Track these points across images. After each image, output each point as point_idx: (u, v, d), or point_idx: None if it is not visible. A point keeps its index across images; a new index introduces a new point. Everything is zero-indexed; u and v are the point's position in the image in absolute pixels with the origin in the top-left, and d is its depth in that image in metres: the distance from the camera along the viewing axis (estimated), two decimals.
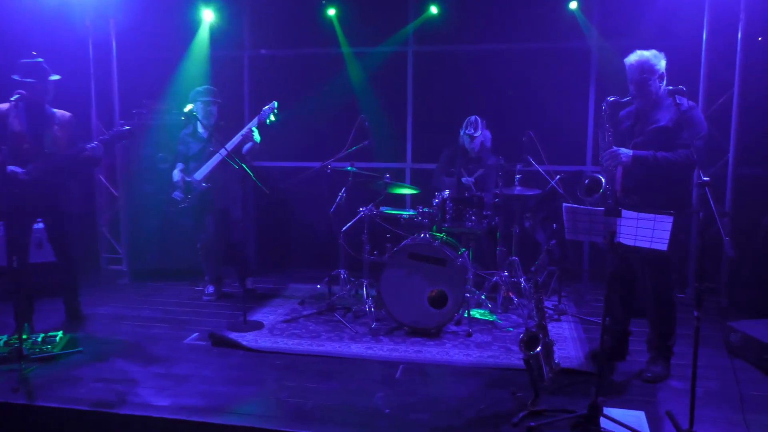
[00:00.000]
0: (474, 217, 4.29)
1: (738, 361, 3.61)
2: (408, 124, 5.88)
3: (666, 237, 2.67)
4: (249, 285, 5.06)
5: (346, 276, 4.77)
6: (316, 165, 4.80)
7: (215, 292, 5.10)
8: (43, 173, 3.98)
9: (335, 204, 4.70)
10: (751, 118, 4.95)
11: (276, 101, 4.68)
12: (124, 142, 4.68)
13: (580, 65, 5.41)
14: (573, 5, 5.23)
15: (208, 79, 5.69)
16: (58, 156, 4.04)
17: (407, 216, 4.53)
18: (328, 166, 4.68)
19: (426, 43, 5.73)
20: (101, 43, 5.93)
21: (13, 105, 3.91)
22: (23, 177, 3.91)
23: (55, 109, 4.14)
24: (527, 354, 3.01)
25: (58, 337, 3.83)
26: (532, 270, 4.76)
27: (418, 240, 4.21)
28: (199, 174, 4.80)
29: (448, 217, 4.31)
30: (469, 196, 4.32)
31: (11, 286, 3.87)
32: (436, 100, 5.78)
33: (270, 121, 4.65)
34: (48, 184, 4.05)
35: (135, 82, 5.99)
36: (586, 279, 5.53)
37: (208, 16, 5.84)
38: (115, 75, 5.95)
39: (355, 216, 4.63)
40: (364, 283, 4.57)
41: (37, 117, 4.04)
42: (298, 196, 6.03)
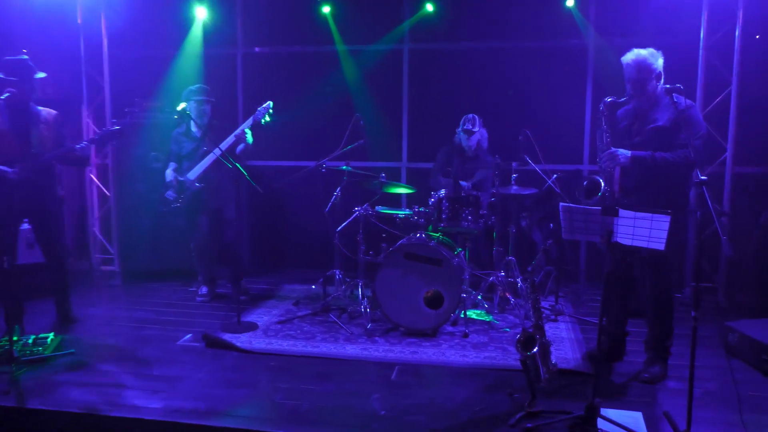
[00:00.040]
0: (470, 217, 4.27)
1: (736, 362, 3.61)
2: (404, 122, 5.85)
3: (663, 237, 2.66)
4: (242, 286, 5.01)
5: (341, 276, 4.74)
6: (311, 164, 4.77)
7: (209, 292, 5.06)
8: (30, 173, 3.93)
9: (330, 204, 4.68)
10: (749, 116, 4.96)
11: (271, 101, 4.65)
12: (115, 142, 4.63)
13: (577, 63, 5.39)
14: (570, 3, 5.21)
15: (201, 77, 5.66)
16: (47, 156, 4.00)
17: (403, 216, 4.51)
18: (323, 166, 4.66)
19: (422, 41, 5.70)
20: (93, 41, 5.87)
21: None
22: (12, 177, 3.86)
23: (40, 107, 4.09)
24: (524, 355, 3.00)
25: (49, 339, 3.80)
26: (529, 270, 4.76)
27: (413, 240, 4.19)
28: (193, 173, 4.75)
29: (444, 216, 4.29)
30: (466, 195, 4.30)
31: (1, 288, 3.81)
32: (432, 99, 5.75)
33: (265, 121, 4.62)
34: (36, 183, 4.00)
35: (127, 81, 5.95)
36: (583, 279, 5.52)
37: (201, 13, 5.80)
38: (107, 73, 5.89)
39: (351, 216, 4.60)
40: (360, 284, 4.54)
41: (22, 116, 3.98)
42: (293, 196, 5.99)
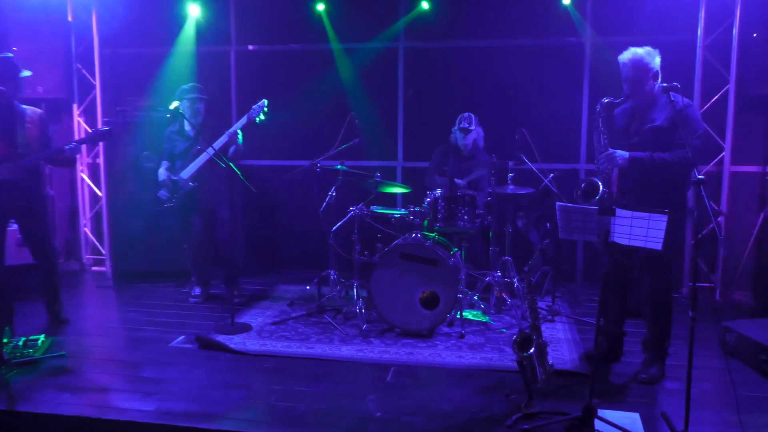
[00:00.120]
0: (466, 217, 4.24)
1: (733, 362, 3.61)
2: (399, 121, 5.82)
3: (660, 236, 2.66)
4: (236, 286, 4.97)
5: (336, 277, 4.71)
6: (306, 163, 4.74)
7: (202, 293, 5.02)
8: (16, 173, 3.87)
9: (325, 203, 4.64)
10: (747, 115, 4.95)
11: (266, 99, 4.61)
12: (105, 142, 4.59)
13: (574, 62, 5.37)
14: (566, 1, 5.19)
15: (194, 75, 5.62)
16: (34, 156, 3.95)
17: (398, 215, 4.49)
18: (318, 165, 4.63)
19: (417, 39, 5.67)
20: (84, 38, 5.83)
21: None
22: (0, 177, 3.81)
23: (25, 106, 4.04)
24: (520, 355, 2.99)
25: (39, 341, 3.75)
26: (526, 270, 4.71)
27: (409, 240, 4.16)
28: (186, 173, 4.71)
29: (440, 216, 4.26)
30: (462, 195, 4.27)
31: None
32: (428, 98, 5.73)
33: (260, 120, 4.59)
34: (22, 184, 3.95)
35: (119, 79, 5.92)
36: (580, 279, 5.51)
37: (193, 11, 5.76)
38: (98, 71, 5.84)
39: (345, 215, 4.57)
40: (355, 284, 4.51)
41: (7, 115, 3.93)
42: (287, 196, 5.95)
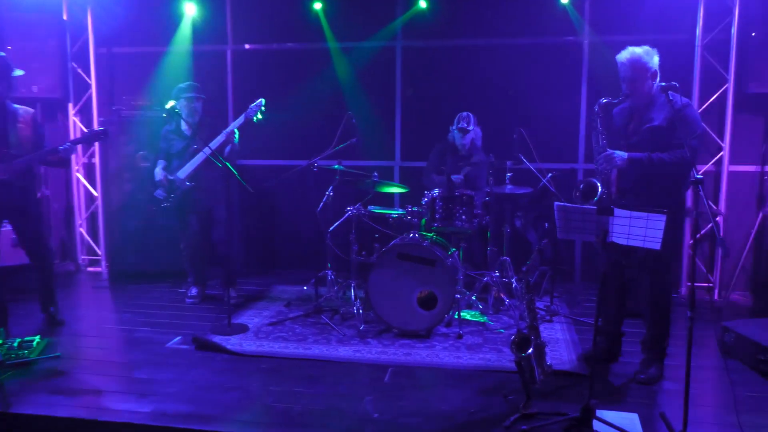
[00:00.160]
0: (464, 216, 4.23)
1: (732, 362, 3.60)
2: (397, 120, 5.80)
3: (659, 236, 2.66)
4: (232, 287, 4.94)
5: (333, 277, 4.69)
6: (303, 163, 4.72)
7: (198, 294, 4.99)
8: (9, 174, 3.84)
9: (322, 203, 4.62)
10: (746, 114, 4.94)
11: (263, 98, 4.59)
12: (100, 142, 4.56)
13: (572, 61, 5.36)
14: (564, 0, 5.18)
15: (191, 74, 5.60)
16: (29, 157, 3.92)
17: (396, 215, 4.48)
18: (315, 165, 4.61)
19: (415, 38, 5.65)
20: (79, 37, 5.79)
21: None
22: None
23: (17, 105, 4.01)
24: (519, 356, 2.98)
25: (34, 342, 3.73)
26: (524, 270, 4.69)
27: (407, 240, 4.15)
28: (183, 172, 4.68)
29: (438, 216, 4.25)
30: (460, 194, 4.26)
31: None
32: (426, 97, 5.71)
33: (257, 119, 4.57)
34: (15, 185, 3.93)
35: (114, 78, 5.88)
36: (579, 279, 5.50)
37: (190, 9, 5.73)
38: (93, 71, 5.81)
39: (343, 215, 4.55)
40: (352, 285, 4.49)
41: None
42: (284, 196, 5.93)
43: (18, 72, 3.97)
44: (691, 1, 4.92)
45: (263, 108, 4.58)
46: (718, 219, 4.97)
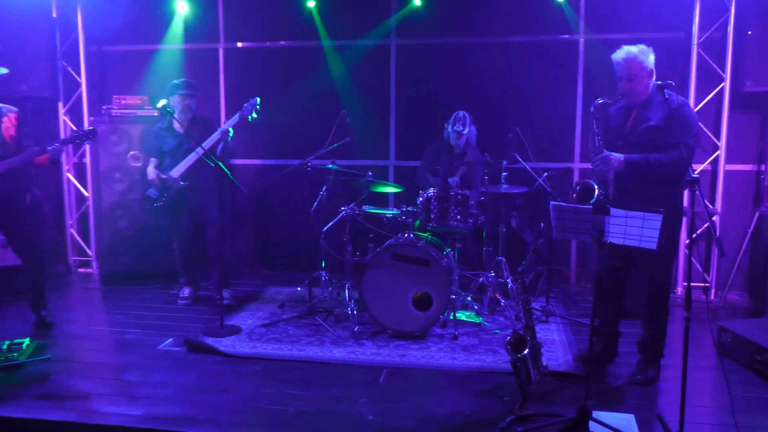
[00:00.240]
0: (459, 216, 4.20)
1: (729, 362, 3.59)
2: (391, 119, 5.77)
3: (655, 236, 2.66)
4: (225, 288, 4.90)
5: (327, 278, 4.66)
6: (296, 163, 4.70)
7: (191, 295, 4.95)
8: None
9: (316, 203, 4.60)
10: (742, 113, 4.93)
11: (258, 97, 4.56)
12: (89, 142, 4.50)
13: (568, 59, 5.34)
14: None
15: (182, 72, 5.57)
16: (17, 157, 3.87)
17: (390, 215, 4.45)
18: (309, 164, 4.58)
19: (409, 36, 5.62)
20: (69, 35, 5.74)
21: None
22: None
23: (0, 104, 3.95)
24: (514, 357, 2.98)
25: (24, 345, 3.69)
26: (519, 270, 4.72)
27: (401, 240, 4.13)
28: (176, 171, 4.63)
29: (433, 216, 4.22)
30: (455, 194, 4.23)
31: None
32: (420, 95, 5.68)
33: (252, 118, 4.53)
34: (2, 186, 3.87)
35: (105, 77, 5.83)
36: (575, 279, 5.48)
37: (181, 7, 5.69)
38: (84, 69, 5.75)
39: (337, 216, 4.53)
40: (346, 285, 4.47)
41: None
42: (277, 196, 5.90)
43: (2, 70, 3.91)
44: None
45: (258, 107, 4.54)
46: (714, 218, 4.96)
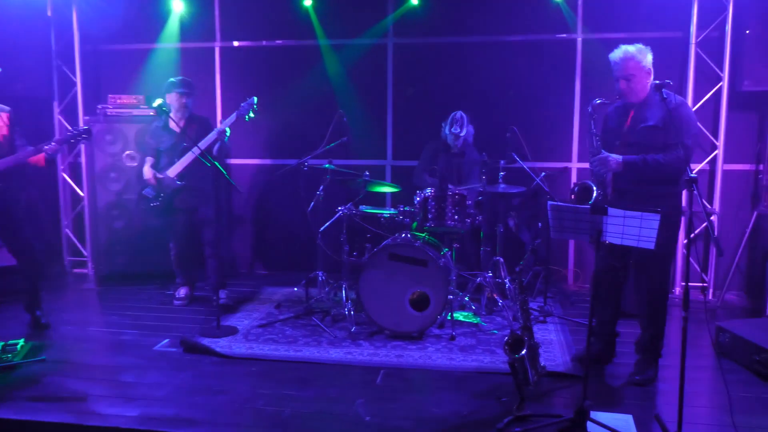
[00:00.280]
0: (457, 216, 4.20)
1: (727, 362, 3.59)
2: (388, 119, 5.76)
3: (653, 236, 2.65)
4: (222, 289, 4.89)
5: (324, 278, 4.65)
6: (293, 162, 4.68)
7: (187, 295, 4.93)
8: None
9: (312, 203, 4.59)
10: (740, 112, 4.93)
11: (255, 96, 4.54)
12: (84, 142, 4.47)
13: (565, 58, 5.32)
14: None
15: (178, 72, 5.52)
16: (11, 158, 3.85)
17: (388, 215, 4.45)
18: (305, 164, 4.57)
19: (406, 35, 5.60)
20: (64, 34, 5.71)
21: None
22: None
23: None
24: (512, 357, 2.97)
25: (19, 346, 3.69)
26: (517, 270, 4.71)
27: (398, 240, 4.11)
28: (172, 171, 4.61)
29: (430, 216, 4.21)
30: (452, 194, 4.22)
31: None
32: (418, 95, 5.66)
33: (249, 118, 4.51)
34: None
35: (100, 76, 5.80)
36: (572, 280, 5.47)
37: (177, 6, 5.66)
38: (79, 68, 5.72)
39: (334, 215, 4.51)
40: (343, 286, 4.46)
41: None
42: (274, 195, 5.87)
43: None
44: None
45: (255, 106, 4.53)
46: (712, 218, 4.96)
